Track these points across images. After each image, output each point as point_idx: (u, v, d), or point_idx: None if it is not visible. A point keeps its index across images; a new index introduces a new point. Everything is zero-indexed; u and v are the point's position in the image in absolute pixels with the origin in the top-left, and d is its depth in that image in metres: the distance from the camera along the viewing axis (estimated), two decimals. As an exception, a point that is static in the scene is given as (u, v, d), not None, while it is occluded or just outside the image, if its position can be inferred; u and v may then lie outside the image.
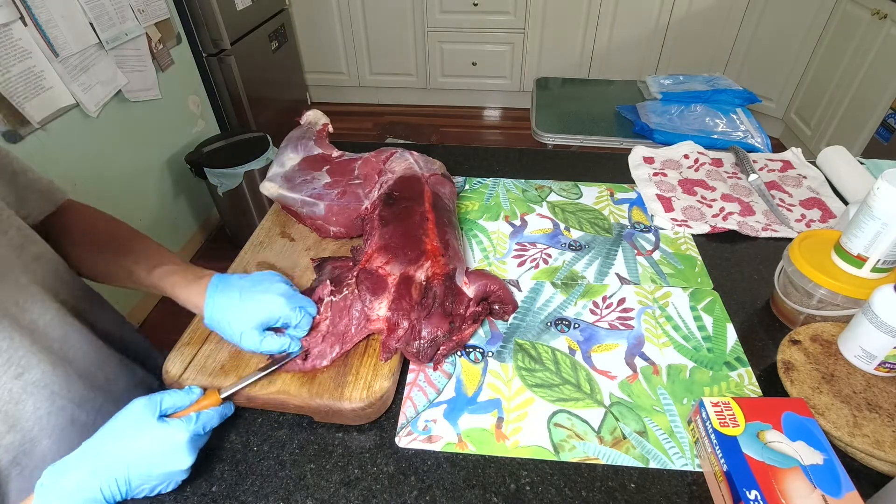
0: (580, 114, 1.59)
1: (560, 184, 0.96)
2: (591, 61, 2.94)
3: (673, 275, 0.76)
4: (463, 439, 0.55)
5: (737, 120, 1.46)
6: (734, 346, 0.65)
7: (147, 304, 1.91)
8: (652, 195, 0.92)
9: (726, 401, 0.51)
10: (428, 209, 0.72)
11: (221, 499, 0.50)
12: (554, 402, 0.58)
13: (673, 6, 2.69)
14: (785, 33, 2.56)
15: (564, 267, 0.77)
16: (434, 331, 0.59)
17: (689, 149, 1.06)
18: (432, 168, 0.83)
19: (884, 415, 0.52)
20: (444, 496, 0.50)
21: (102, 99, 1.59)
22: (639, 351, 0.64)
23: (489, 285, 0.65)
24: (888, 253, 0.60)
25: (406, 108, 3.30)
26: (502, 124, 3.18)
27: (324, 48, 3.10)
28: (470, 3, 2.82)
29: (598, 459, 0.53)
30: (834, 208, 0.89)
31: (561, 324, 0.68)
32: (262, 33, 2.46)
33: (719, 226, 0.84)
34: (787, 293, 0.67)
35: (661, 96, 1.61)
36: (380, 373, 0.57)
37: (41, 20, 1.37)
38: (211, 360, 0.59)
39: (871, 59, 2.11)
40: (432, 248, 0.65)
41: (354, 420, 0.55)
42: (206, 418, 0.49)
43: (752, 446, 0.47)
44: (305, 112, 0.94)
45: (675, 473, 0.52)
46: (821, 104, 2.41)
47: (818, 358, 0.59)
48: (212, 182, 1.90)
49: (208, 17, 2.03)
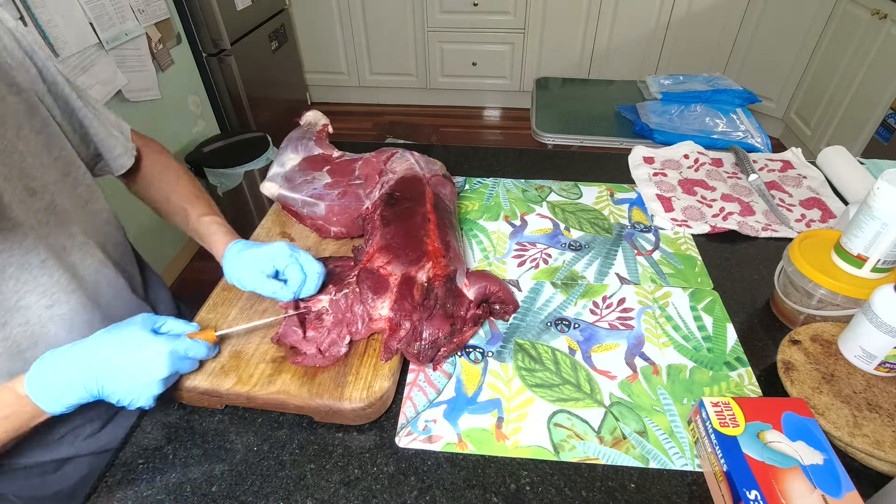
0: (580, 114, 1.59)
1: (560, 184, 0.96)
2: (591, 61, 2.93)
3: (673, 275, 0.76)
4: (463, 439, 0.55)
5: (737, 120, 1.46)
6: (734, 346, 0.65)
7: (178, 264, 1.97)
8: (652, 195, 0.92)
9: (726, 401, 0.51)
10: (429, 210, 0.72)
11: (221, 499, 0.50)
12: (554, 402, 0.58)
13: (673, 6, 2.69)
14: (785, 33, 2.55)
15: (564, 267, 0.77)
16: (435, 332, 0.59)
17: (689, 149, 1.06)
18: (433, 168, 0.83)
19: (884, 415, 0.52)
20: (444, 496, 0.50)
21: (102, 99, 1.59)
22: (639, 351, 0.64)
23: (489, 287, 0.65)
24: (888, 253, 0.60)
25: (406, 108, 3.30)
26: (502, 124, 3.18)
27: (324, 48, 3.10)
28: (470, 3, 2.82)
29: (598, 459, 0.53)
30: (834, 208, 0.89)
31: (561, 324, 0.68)
32: (262, 33, 2.46)
33: (719, 226, 0.84)
34: (787, 293, 0.67)
35: (661, 96, 1.61)
36: (380, 373, 0.57)
37: (41, 20, 1.37)
38: (211, 360, 0.59)
39: (871, 59, 2.11)
40: (434, 250, 0.65)
41: (354, 420, 0.55)
42: (191, 344, 0.53)
43: (752, 446, 0.47)
44: (305, 113, 0.94)
45: (675, 473, 0.52)
46: (821, 104, 2.41)
47: (818, 358, 0.59)
48: (212, 182, 1.90)
49: (208, 17, 2.03)
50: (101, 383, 0.48)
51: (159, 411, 0.59)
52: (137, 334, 0.50)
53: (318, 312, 0.61)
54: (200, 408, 0.59)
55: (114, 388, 0.48)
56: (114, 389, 0.48)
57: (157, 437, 0.56)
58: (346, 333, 0.59)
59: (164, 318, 0.54)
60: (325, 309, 0.61)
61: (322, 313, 0.61)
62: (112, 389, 0.48)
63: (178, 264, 2.06)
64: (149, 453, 0.55)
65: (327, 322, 0.60)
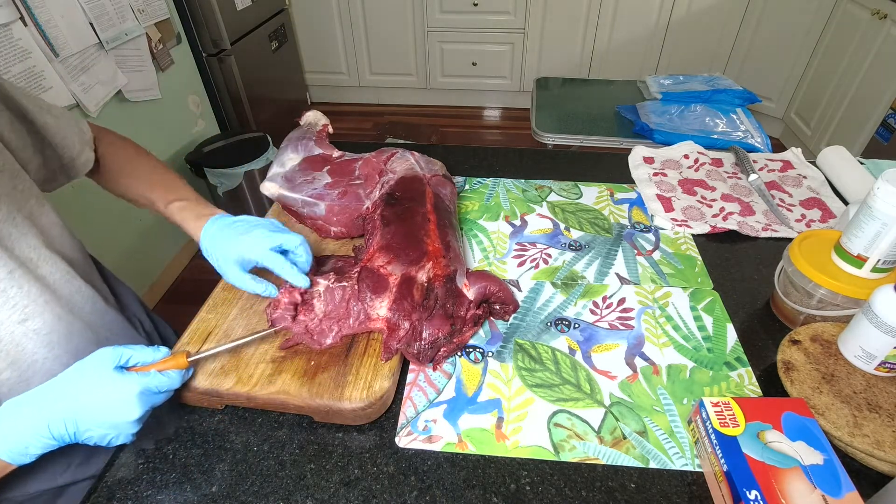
0: (580, 114, 1.59)
1: (560, 184, 0.96)
2: (591, 61, 2.94)
3: (673, 275, 0.76)
4: (463, 439, 0.55)
5: (737, 120, 1.46)
6: (734, 346, 0.65)
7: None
8: (652, 195, 0.92)
9: (726, 401, 0.51)
10: (430, 210, 0.72)
11: (221, 499, 0.50)
12: (554, 402, 0.58)
13: (673, 6, 2.69)
14: (785, 33, 2.56)
15: (564, 267, 0.77)
16: (435, 332, 0.59)
17: (689, 149, 1.06)
18: (433, 169, 0.83)
19: (884, 415, 0.52)
20: (444, 496, 0.50)
21: (102, 99, 1.59)
22: (639, 351, 0.64)
23: (489, 287, 0.65)
24: (888, 253, 0.60)
25: (406, 108, 3.30)
26: (502, 124, 3.18)
27: (324, 48, 3.10)
28: (470, 3, 2.82)
29: (598, 459, 0.53)
30: (834, 208, 0.89)
31: (561, 324, 0.68)
32: (262, 33, 2.47)
33: (719, 226, 0.84)
34: (787, 293, 0.67)
35: (661, 96, 1.61)
36: (380, 373, 0.57)
37: (41, 20, 1.37)
38: (211, 360, 0.59)
39: (871, 59, 2.11)
40: (434, 250, 0.65)
41: (354, 420, 0.55)
42: (161, 379, 0.49)
43: (752, 446, 0.47)
44: (305, 113, 0.94)
45: (675, 473, 0.52)
46: (821, 104, 2.41)
47: (818, 358, 0.59)
48: (212, 182, 1.91)
49: (208, 17, 2.03)
50: (71, 428, 0.45)
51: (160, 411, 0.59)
52: (104, 374, 0.47)
53: (311, 295, 0.61)
54: (200, 408, 0.59)
55: (88, 430, 0.46)
56: (89, 433, 0.46)
57: (156, 437, 0.56)
58: (336, 326, 0.59)
59: (129, 349, 0.50)
60: (318, 293, 0.61)
61: (315, 297, 0.60)
62: (86, 433, 0.46)
63: (178, 264, 2.06)
64: (149, 453, 0.55)
65: (318, 310, 0.60)
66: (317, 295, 0.61)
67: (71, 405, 0.45)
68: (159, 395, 0.50)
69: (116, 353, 0.49)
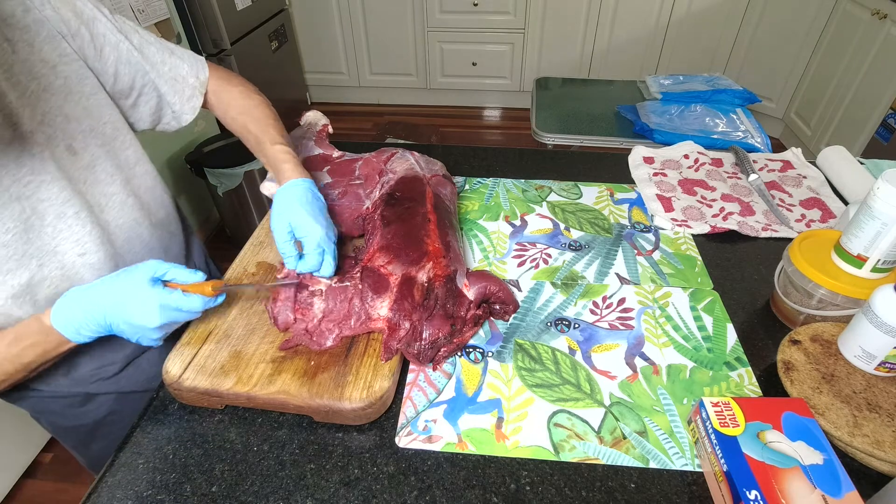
0: (580, 114, 1.59)
1: (560, 184, 0.96)
2: (591, 61, 2.93)
3: (673, 275, 0.76)
4: (463, 439, 0.55)
5: (737, 120, 1.46)
6: (734, 346, 0.65)
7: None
8: (652, 195, 0.92)
9: (726, 401, 0.51)
10: (430, 210, 0.72)
11: (221, 499, 0.50)
12: (554, 402, 0.58)
13: (673, 6, 2.69)
14: (785, 33, 2.55)
15: (564, 267, 0.77)
16: (435, 333, 0.59)
17: (689, 149, 1.06)
18: (433, 169, 0.83)
19: (884, 415, 0.52)
20: (444, 496, 0.50)
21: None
22: (639, 351, 0.64)
23: (489, 287, 0.65)
24: (888, 253, 0.60)
25: (406, 108, 3.30)
26: (502, 124, 3.18)
27: (324, 48, 3.10)
28: (470, 3, 2.82)
29: (598, 459, 0.53)
30: (834, 208, 0.89)
31: (561, 324, 0.68)
32: (262, 33, 2.46)
33: (719, 226, 0.84)
34: (787, 293, 0.67)
35: (661, 96, 1.61)
36: (380, 373, 0.57)
37: (41, 20, 1.37)
38: (211, 361, 0.59)
39: (871, 59, 2.11)
40: (434, 250, 0.65)
41: (354, 420, 0.55)
42: (182, 299, 0.54)
43: (752, 446, 0.48)
44: (305, 113, 0.94)
45: (675, 473, 0.52)
46: (821, 104, 2.41)
47: (818, 358, 0.59)
48: (212, 182, 1.90)
49: (208, 17, 2.03)
50: (107, 320, 0.52)
51: (159, 412, 0.59)
52: (137, 282, 0.53)
53: (312, 293, 0.61)
54: (200, 408, 0.59)
55: (119, 327, 0.53)
56: (120, 329, 0.53)
57: (157, 436, 0.56)
58: (336, 327, 0.59)
59: (170, 266, 0.55)
60: (321, 291, 0.61)
61: (315, 294, 0.60)
62: (118, 328, 0.53)
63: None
64: (149, 453, 0.55)
65: (318, 309, 0.60)
66: (318, 293, 0.61)
67: (108, 301, 0.52)
68: (180, 312, 0.54)
69: (158, 266, 0.54)
